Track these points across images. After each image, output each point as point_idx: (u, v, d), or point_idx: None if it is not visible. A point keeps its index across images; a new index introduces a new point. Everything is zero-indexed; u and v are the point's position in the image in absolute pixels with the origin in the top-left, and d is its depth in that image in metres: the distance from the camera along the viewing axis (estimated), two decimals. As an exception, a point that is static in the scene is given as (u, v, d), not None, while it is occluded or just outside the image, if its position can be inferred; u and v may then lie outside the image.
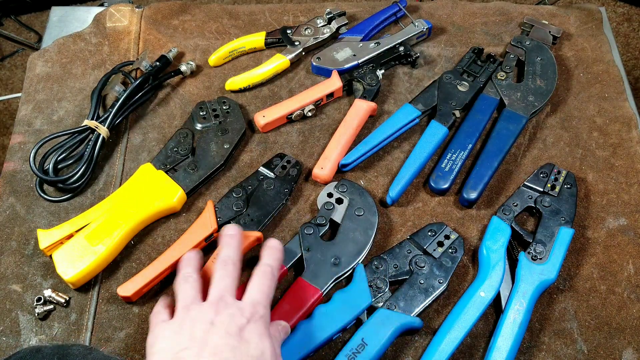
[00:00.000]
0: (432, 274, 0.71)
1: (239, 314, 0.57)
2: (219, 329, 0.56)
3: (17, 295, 0.71)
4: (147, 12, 0.96)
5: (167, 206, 0.76)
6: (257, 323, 0.57)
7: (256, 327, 0.57)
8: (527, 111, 0.84)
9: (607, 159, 0.83)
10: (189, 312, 0.58)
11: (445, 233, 0.74)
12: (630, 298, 0.72)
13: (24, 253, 0.74)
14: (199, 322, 0.56)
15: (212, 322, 0.56)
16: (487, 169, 0.79)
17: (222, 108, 0.84)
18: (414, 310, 0.68)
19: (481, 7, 0.99)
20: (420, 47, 0.94)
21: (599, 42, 0.95)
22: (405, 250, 0.73)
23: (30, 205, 0.78)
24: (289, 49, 0.91)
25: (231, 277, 0.62)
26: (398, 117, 0.84)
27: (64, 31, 0.99)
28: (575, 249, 0.75)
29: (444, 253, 0.72)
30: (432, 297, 0.69)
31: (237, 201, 0.76)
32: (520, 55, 0.90)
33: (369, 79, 0.87)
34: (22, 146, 0.83)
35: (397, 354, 0.68)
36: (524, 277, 0.70)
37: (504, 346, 0.66)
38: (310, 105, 0.85)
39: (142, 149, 0.83)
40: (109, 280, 0.72)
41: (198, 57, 0.93)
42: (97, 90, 0.84)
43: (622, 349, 0.69)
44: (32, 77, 0.90)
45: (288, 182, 0.79)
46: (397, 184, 0.78)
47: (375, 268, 0.71)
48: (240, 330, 0.56)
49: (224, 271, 0.62)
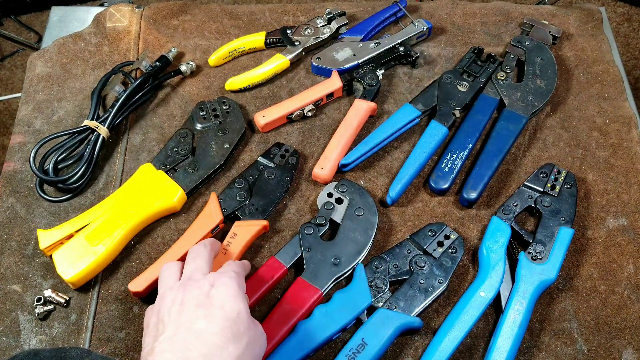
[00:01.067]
0: (432, 274, 0.71)
1: (206, 283, 0.59)
2: (189, 304, 0.57)
3: (17, 296, 0.71)
4: (147, 12, 0.96)
5: (167, 206, 0.76)
6: (224, 285, 0.59)
7: (224, 289, 0.58)
8: (527, 111, 0.84)
9: (607, 159, 0.83)
10: (163, 299, 0.60)
11: (445, 233, 0.74)
12: (630, 298, 0.72)
13: (24, 253, 0.74)
14: (172, 304, 0.58)
15: (182, 302, 0.58)
16: (487, 169, 0.79)
17: (222, 108, 0.84)
18: (414, 310, 0.68)
19: (481, 7, 0.99)
20: (420, 47, 0.94)
21: (599, 42, 0.95)
22: (405, 250, 0.73)
23: (30, 205, 0.78)
24: (289, 49, 0.91)
25: (202, 257, 0.64)
26: (398, 117, 0.84)
27: (64, 31, 0.99)
28: (575, 249, 0.75)
29: (444, 253, 0.72)
30: (432, 297, 0.69)
31: (240, 191, 0.76)
32: (520, 55, 0.90)
33: (369, 79, 0.87)
34: (22, 146, 0.83)
35: (397, 354, 0.68)
36: (524, 277, 0.70)
37: (504, 346, 0.66)
38: (310, 105, 0.85)
39: (142, 149, 0.83)
40: (109, 280, 0.72)
41: (198, 57, 0.93)
42: (97, 90, 0.84)
43: (622, 349, 0.69)
44: (32, 77, 0.90)
45: (288, 170, 0.79)
46: (397, 184, 0.78)
47: (375, 268, 0.71)
48: (207, 297, 0.57)
49: (194, 253, 0.65)
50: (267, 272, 0.71)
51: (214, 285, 0.59)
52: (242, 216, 0.75)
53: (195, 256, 0.64)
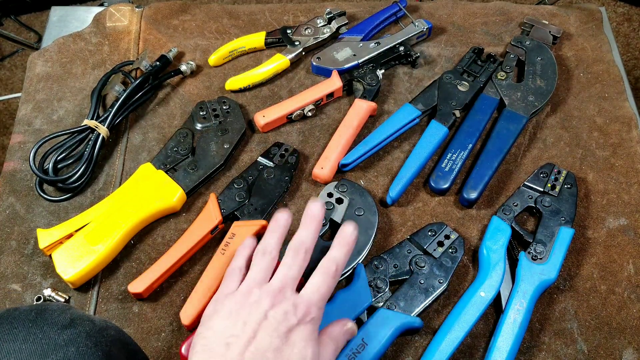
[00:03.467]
0: (432, 274, 0.71)
1: (292, 313, 0.55)
2: (270, 325, 0.54)
3: (16, 295, 0.71)
4: (147, 12, 0.96)
5: (167, 206, 0.76)
6: (306, 326, 0.55)
7: (304, 330, 0.55)
8: (527, 111, 0.84)
9: (607, 159, 0.83)
10: (250, 295, 0.57)
11: (446, 233, 0.74)
12: (631, 298, 0.72)
13: (24, 252, 0.74)
14: (255, 310, 0.55)
15: (266, 315, 0.55)
16: (487, 169, 0.79)
17: (222, 108, 0.84)
18: (414, 310, 0.68)
19: (481, 7, 0.99)
20: (420, 47, 0.94)
21: (599, 42, 0.95)
22: (405, 250, 0.73)
23: (30, 204, 0.78)
24: (289, 48, 0.91)
25: (299, 267, 0.59)
26: (398, 117, 0.84)
27: (64, 31, 0.99)
28: (576, 249, 0.75)
29: (444, 253, 0.72)
30: (432, 297, 0.69)
31: (240, 192, 0.76)
32: (521, 55, 0.90)
33: (369, 79, 0.87)
34: (22, 146, 0.83)
35: (397, 354, 0.68)
36: (524, 277, 0.70)
37: (504, 346, 0.66)
38: (310, 105, 0.85)
39: (142, 149, 0.83)
40: (109, 280, 0.72)
41: (198, 57, 0.93)
42: (97, 90, 0.84)
43: (622, 349, 0.69)
44: (32, 76, 0.90)
45: (287, 169, 0.79)
46: (397, 184, 0.78)
47: (375, 268, 0.71)
48: (289, 331, 0.54)
49: (294, 259, 0.59)
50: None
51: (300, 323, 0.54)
52: (241, 216, 0.75)
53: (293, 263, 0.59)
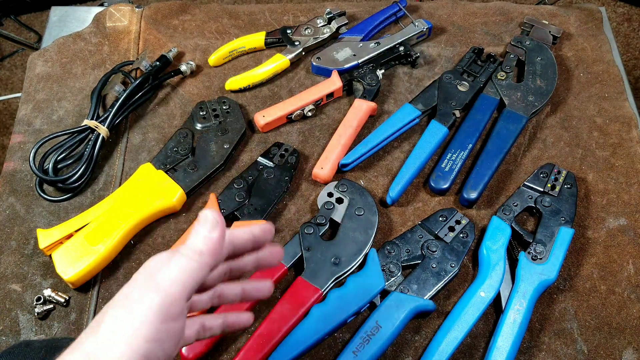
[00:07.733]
0: (444, 258, 0.72)
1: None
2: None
3: (16, 295, 0.71)
4: (147, 12, 0.96)
5: (166, 206, 0.76)
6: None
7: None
8: (527, 111, 0.84)
9: (607, 159, 0.83)
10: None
11: (456, 218, 0.75)
12: (630, 298, 0.72)
13: (24, 253, 0.74)
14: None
15: None
16: (487, 169, 0.79)
17: (222, 108, 0.84)
18: (427, 294, 0.69)
19: (481, 7, 0.99)
20: (420, 47, 0.94)
21: (599, 42, 0.95)
22: (417, 235, 0.74)
23: (30, 205, 0.78)
24: (289, 49, 0.91)
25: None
26: (398, 117, 0.84)
27: (64, 31, 0.99)
28: (575, 249, 0.75)
29: (456, 238, 0.73)
30: (444, 280, 0.70)
31: (239, 192, 0.76)
32: (521, 55, 0.90)
33: (369, 79, 0.87)
34: (22, 146, 0.83)
35: (397, 354, 0.68)
36: (524, 277, 0.70)
37: (504, 346, 0.66)
38: (310, 105, 0.85)
39: (142, 149, 0.83)
40: (109, 280, 0.72)
41: (198, 57, 0.93)
42: (97, 90, 0.84)
43: (622, 349, 0.69)
44: (32, 77, 0.90)
45: (287, 170, 0.79)
46: (397, 183, 0.78)
47: (388, 253, 0.72)
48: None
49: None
50: (266, 271, 0.71)
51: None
52: (241, 216, 0.75)
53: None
